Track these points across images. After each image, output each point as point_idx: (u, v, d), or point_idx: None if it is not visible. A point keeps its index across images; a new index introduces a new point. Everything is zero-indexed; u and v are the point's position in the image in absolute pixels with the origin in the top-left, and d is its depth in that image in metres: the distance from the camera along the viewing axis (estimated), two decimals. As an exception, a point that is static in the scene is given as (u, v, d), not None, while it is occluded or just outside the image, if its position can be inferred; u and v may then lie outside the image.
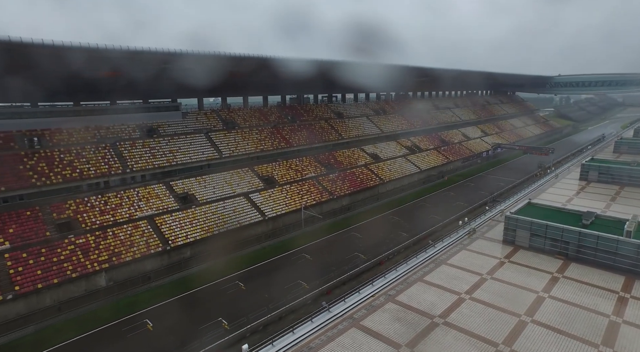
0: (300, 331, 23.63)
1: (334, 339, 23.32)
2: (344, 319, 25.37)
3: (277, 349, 21.85)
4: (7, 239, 40.79)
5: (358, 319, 25.53)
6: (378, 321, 25.41)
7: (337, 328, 24.39)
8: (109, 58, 46.58)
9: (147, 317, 37.12)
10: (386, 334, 24.16)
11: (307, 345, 22.54)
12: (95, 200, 49.04)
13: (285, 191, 63.44)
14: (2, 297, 35.96)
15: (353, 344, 22.99)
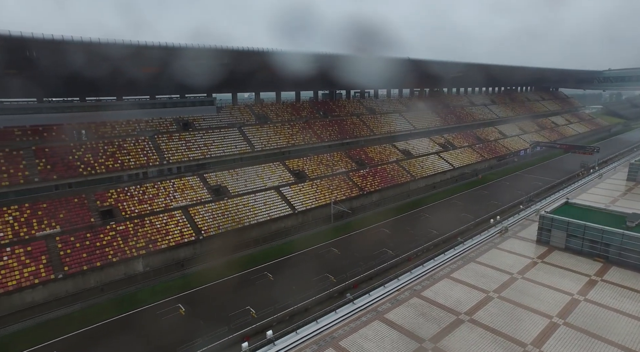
0: (324, 321, 24.07)
1: (357, 330, 23.60)
2: (368, 311, 25.59)
3: (300, 336, 22.40)
4: (58, 223, 43.91)
5: (382, 312, 25.67)
6: (402, 315, 25.44)
7: (360, 320, 24.65)
8: (150, 54, 48.83)
9: (180, 302, 38.85)
10: (410, 328, 24.17)
11: (330, 334, 22.96)
12: (135, 190, 51.64)
13: (315, 185, 64.02)
14: (54, 276, 38.88)
15: (376, 336, 23.18)
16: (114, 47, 46.08)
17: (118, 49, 46.19)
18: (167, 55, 50.90)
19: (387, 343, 22.60)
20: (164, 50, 49.45)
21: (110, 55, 46.70)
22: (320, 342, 22.27)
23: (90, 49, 45.12)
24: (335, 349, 21.75)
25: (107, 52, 45.89)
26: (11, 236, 41.01)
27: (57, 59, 44.95)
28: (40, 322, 36.31)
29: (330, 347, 21.92)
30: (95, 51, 45.75)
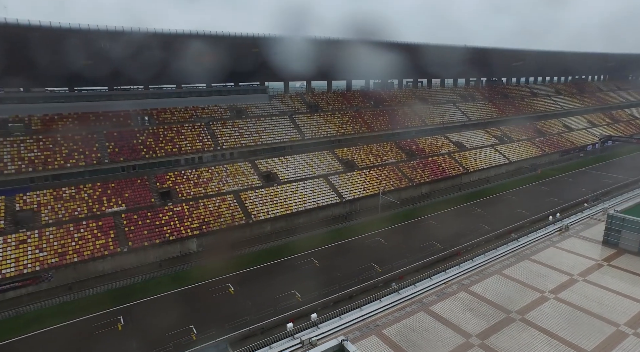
0: (368, 308, 24.17)
1: (400, 320, 23.47)
2: (413, 302, 25.30)
3: (344, 321, 22.71)
4: (123, 201, 47.61)
5: (427, 304, 25.27)
6: (448, 309, 24.88)
7: (405, 310, 24.46)
8: (208, 43, 50.75)
9: (229, 282, 40.76)
10: (456, 322, 23.61)
11: (374, 322, 23.04)
12: (191, 173, 54.48)
13: (364, 175, 63.73)
14: (120, 249, 42.38)
15: (420, 327, 22.92)
16: (175, 37, 48.51)
17: (179, 39, 48.55)
18: (223, 44, 52.62)
19: (431, 335, 22.28)
20: (220, 39, 51.19)
21: (172, 45, 49.26)
22: (364, 329, 22.43)
23: (155, 40, 47.87)
24: (379, 337, 21.82)
25: (169, 42, 48.46)
26: (86, 211, 45.12)
27: (125, 49, 48.02)
28: (109, 289, 39.87)
29: (373, 334, 22.02)
30: (159, 42, 48.45)
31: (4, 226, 41.19)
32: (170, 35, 48.27)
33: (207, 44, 50.55)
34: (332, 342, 17.88)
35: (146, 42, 46.14)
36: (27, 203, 44.09)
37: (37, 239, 40.75)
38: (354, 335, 21.74)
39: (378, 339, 21.66)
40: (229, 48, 53.45)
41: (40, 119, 52.36)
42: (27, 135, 49.81)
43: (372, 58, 66.60)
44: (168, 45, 49.63)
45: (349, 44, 60.19)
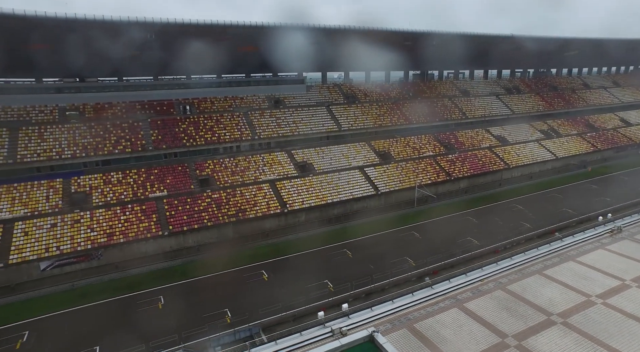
0: (400, 302, 23.98)
1: (433, 315, 23.13)
2: (447, 298, 24.82)
3: (374, 313, 22.68)
4: (165, 187, 49.75)
5: (462, 300, 24.71)
6: (483, 306, 24.20)
7: (438, 305, 24.06)
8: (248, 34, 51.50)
9: (263, 269, 41.75)
10: (491, 320, 22.94)
11: (405, 316, 22.85)
12: (229, 162, 55.91)
13: (400, 167, 62.77)
14: (161, 232, 44.47)
15: (453, 324, 22.48)
16: (215, 28, 49.55)
17: (218, 30, 49.57)
18: (262, 34, 53.14)
19: (465, 332, 21.80)
20: (259, 29, 51.72)
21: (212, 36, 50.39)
22: (395, 322, 22.31)
23: (197, 31, 49.19)
24: (410, 331, 21.62)
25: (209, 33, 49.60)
26: (131, 196, 47.60)
27: (169, 40, 49.84)
28: (151, 270, 42.04)
29: (404, 327, 21.85)
30: (200, 33, 49.74)
31: (62, 206, 44.34)
32: (210, 26, 49.35)
33: (246, 34, 51.28)
34: (362, 332, 17.96)
35: (189, 33, 47.49)
36: (80, 186, 47.13)
37: (89, 219, 43.56)
38: (384, 327, 21.68)
39: (409, 333, 21.48)
40: (267, 38, 53.87)
41: (92, 107, 55.54)
42: (82, 123, 53.02)
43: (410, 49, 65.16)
44: (208, 36, 50.79)
45: (389, 34, 59.00)
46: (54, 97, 54.85)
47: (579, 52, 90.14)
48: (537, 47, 78.61)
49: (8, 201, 43.36)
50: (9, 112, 51.47)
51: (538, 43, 77.31)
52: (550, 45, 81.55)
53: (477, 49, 71.65)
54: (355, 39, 58.08)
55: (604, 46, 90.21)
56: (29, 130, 50.08)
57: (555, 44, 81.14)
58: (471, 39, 68.38)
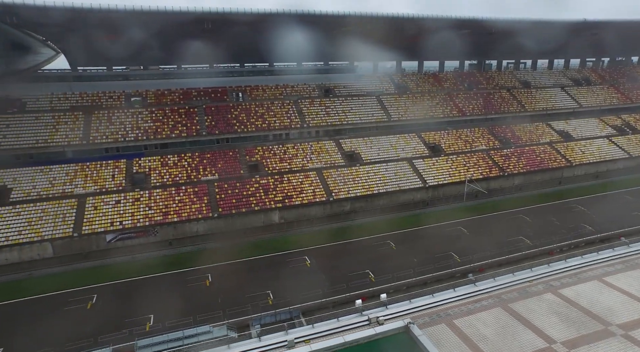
0: (440, 296, 23.50)
1: (474, 313, 22.47)
2: (490, 296, 23.95)
3: (413, 306, 22.46)
4: (216, 171, 52.07)
5: (506, 300, 23.73)
6: (530, 308, 23.08)
7: (480, 303, 23.32)
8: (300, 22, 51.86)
9: (307, 255, 42.58)
10: (538, 324, 21.84)
11: (445, 311, 22.42)
12: (277, 149, 57.18)
13: (450, 161, 60.75)
14: (211, 214, 46.80)
15: (495, 323, 21.71)
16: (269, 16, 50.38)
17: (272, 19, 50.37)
18: (314, 23, 53.22)
19: (507, 333, 20.98)
20: (312, 18, 51.83)
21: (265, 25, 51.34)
22: (434, 316, 21.98)
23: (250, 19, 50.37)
24: (448, 326, 21.21)
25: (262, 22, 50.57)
26: (185, 178, 50.39)
27: (225, 30, 51.50)
28: (200, 249, 44.50)
29: (443, 322, 21.47)
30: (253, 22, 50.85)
31: (125, 185, 48.04)
32: (264, 15, 50.23)
33: (298, 22, 51.63)
34: (398, 323, 17.94)
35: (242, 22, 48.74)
36: (141, 167, 50.66)
37: (147, 198, 46.83)
38: (422, 320, 21.46)
39: (447, 328, 21.09)
40: (320, 27, 53.94)
41: (153, 94, 59.13)
42: (144, 108, 56.72)
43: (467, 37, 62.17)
44: (261, 25, 51.78)
45: (445, 22, 56.69)
46: (121, 84, 59.11)
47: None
48: (616, 33, 71.39)
49: (82, 178, 47.72)
50: (84, 98, 56.27)
51: (617, 28, 70.21)
52: (633, 30, 73.58)
53: (542, 36, 66.52)
54: (409, 27, 56.50)
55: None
56: (100, 114, 54.44)
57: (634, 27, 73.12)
58: (536, 25, 63.73)
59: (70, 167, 48.52)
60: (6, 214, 42.42)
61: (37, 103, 53.93)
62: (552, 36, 66.30)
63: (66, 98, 55.50)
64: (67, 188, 46.21)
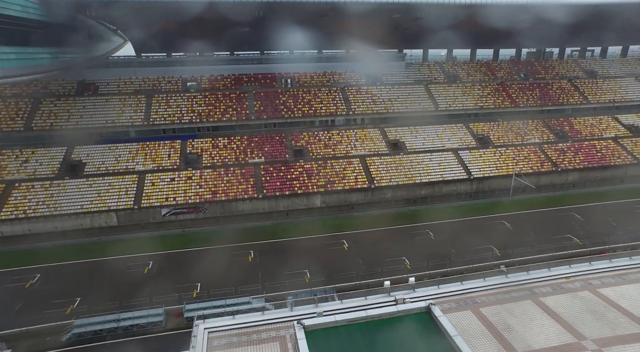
0: (469, 284, 23.72)
1: (502, 303, 22.53)
2: (522, 289, 23.80)
3: (441, 291, 22.94)
4: (263, 154, 54.56)
5: (538, 294, 23.45)
6: (563, 304, 22.67)
7: (510, 294, 23.27)
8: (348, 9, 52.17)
9: (345, 239, 43.97)
10: (569, 319, 21.50)
11: (473, 298, 22.70)
12: (322, 135, 58.52)
13: (498, 153, 58.81)
14: (256, 195, 49.43)
15: (523, 315, 21.69)
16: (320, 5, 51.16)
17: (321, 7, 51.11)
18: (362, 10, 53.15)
19: (535, 325, 20.92)
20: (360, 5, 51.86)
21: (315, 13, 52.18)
22: (460, 302, 22.38)
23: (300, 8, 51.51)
24: (474, 314, 21.54)
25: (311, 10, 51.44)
26: (234, 160, 53.37)
27: (276, 17, 53.01)
28: (245, 227, 47.36)
29: (469, 309, 21.82)
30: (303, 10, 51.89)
31: (179, 164, 51.94)
32: (314, 4, 51.09)
33: (346, 10, 51.93)
34: (420, 303, 18.73)
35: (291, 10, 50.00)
36: (194, 148, 54.31)
37: (198, 177, 50.36)
38: (448, 306, 21.96)
39: (473, 315, 21.44)
40: (368, 14, 53.80)
41: (207, 79, 62.60)
42: (198, 92, 60.34)
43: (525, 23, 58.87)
44: (311, 13, 52.67)
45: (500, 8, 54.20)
46: (178, 70, 63.08)
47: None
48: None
49: (142, 156, 52.22)
50: (146, 82, 60.90)
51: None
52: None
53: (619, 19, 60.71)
54: (460, 13, 54.73)
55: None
56: (160, 97, 58.74)
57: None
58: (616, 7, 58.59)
59: (133, 146, 53.20)
60: (81, 185, 47.76)
61: (107, 87, 59.29)
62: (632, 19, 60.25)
63: (131, 82, 60.42)
64: (130, 165, 50.88)
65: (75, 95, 57.18)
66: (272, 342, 20.30)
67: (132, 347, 29.23)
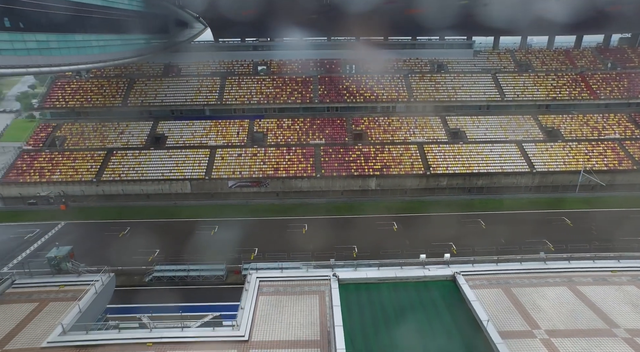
0: (504, 266, 24.37)
1: (536, 286, 23.04)
2: (559, 276, 24.00)
3: (475, 269, 23.92)
4: (324, 136, 57.44)
5: (576, 283, 23.51)
6: (601, 294, 22.59)
7: (545, 280, 23.64)
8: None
9: (395, 221, 45.57)
10: (605, 309, 21.54)
11: (505, 279, 23.51)
12: (382, 120, 59.83)
13: (568, 147, 55.76)
14: (315, 174, 52.67)
15: (557, 299, 22.11)
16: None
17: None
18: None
19: (566, 309, 21.30)
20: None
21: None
22: (492, 281, 23.31)
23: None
24: (504, 292, 22.41)
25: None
26: (296, 140, 56.97)
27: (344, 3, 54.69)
28: (302, 203, 50.84)
29: (500, 288, 22.72)
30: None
31: (246, 141, 56.79)
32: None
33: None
34: (446, 270, 20.22)
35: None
36: (260, 127, 58.79)
37: (263, 154, 54.74)
38: (479, 282, 23.08)
39: (502, 293, 22.37)
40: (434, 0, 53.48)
41: (276, 63, 66.58)
42: (267, 76, 64.59)
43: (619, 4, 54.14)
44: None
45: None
46: (250, 54, 67.84)
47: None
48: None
49: (215, 132, 57.86)
50: (222, 65, 66.52)
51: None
52: None
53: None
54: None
55: None
56: (232, 79, 63.95)
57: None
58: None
59: (207, 123, 59.07)
60: (163, 156, 54.58)
61: (187, 69, 65.85)
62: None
63: (208, 65, 66.40)
64: (204, 140, 56.76)
65: (162, 76, 64.45)
66: (312, 294, 23.28)
67: (198, 292, 34.20)
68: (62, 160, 53.93)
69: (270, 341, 19.62)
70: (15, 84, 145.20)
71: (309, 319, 21.19)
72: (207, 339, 19.37)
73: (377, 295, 18.81)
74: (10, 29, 28.87)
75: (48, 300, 22.24)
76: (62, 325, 19.42)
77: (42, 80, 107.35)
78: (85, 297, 21.74)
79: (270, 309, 21.79)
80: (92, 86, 62.42)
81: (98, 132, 57.62)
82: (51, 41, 32.42)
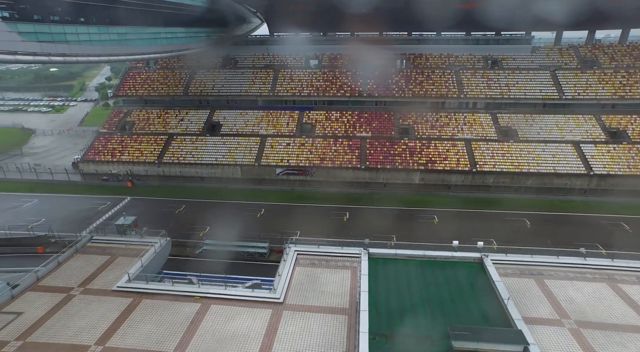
0: (540, 258, 24.14)
1: (571, 279, 22.72)
2: (599, 272, 23.40)
3: (509, 258, 23.99)
4: (370, 130, 58.48)
5: (617, 281, 22.80)
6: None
7: (584, 275, 23.19)
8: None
9: (437, 215, 45.68)
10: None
11: (539, 271, 23.39)
12: (430, 116, 59.61)
13: (635, 150, 52.27)
14: (359, 165, 53.94)
15: (592, 294, 21.73)
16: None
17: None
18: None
19: (602, 305, 20.90)
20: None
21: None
22: (525, 271, 23.31)
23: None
24: (537, 283, 22.32)
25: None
26: (343, 132, 58.52)
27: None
28: (345, 192, 52.09)
29: (532, 278, 22.66)
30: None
31: (295, 131, 59.26)
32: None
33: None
34: (474, 254, 20.74)
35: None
36: (309, 118, 60.99)
37: (310, 145, 56.89)
38: (512, 271, 23.24)
39: (534, 283, 22.34)
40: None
41: (327, 57, 68.37)
42: (318, 69, 66.59)
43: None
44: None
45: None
46: (303, 48, 70.25)
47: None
48: None
49: (266, 122, 60.96)
50: (275, 58, 69.61)
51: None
52: None
53: None
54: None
55: None
56: (285, 72, 66.72)
57: None
58: None
59: (259, 113, 62.34)
60: (217, 142, 58.59)
61: (244, 62, 69.63)
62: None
63: (263, 58, 69.73)
64: (255, 129, 60.03)
65: (220, 68, 68.76)
66: (345, 269, 24.81)
67: (242, 267, 36.97)
68: (130, 142, 59.79)
69: (303, 305, 21.44)
70: (95, 77, 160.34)
71: (340, 290, 22.74)
72: (247, 298, 21.61)
73: (404, 269, 19.93)
74: (96, 23, 33.25)
75: (117, 254, 26.05)
76: (129, 274, 22.75)
77: (116, 72, 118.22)
78: (147, 255, 25.07)
79: (304, 279, 23.63)
80: (158, 76, 68.14)
81: (161, 118, 63.01)
82: (129, 33, 36.65)
